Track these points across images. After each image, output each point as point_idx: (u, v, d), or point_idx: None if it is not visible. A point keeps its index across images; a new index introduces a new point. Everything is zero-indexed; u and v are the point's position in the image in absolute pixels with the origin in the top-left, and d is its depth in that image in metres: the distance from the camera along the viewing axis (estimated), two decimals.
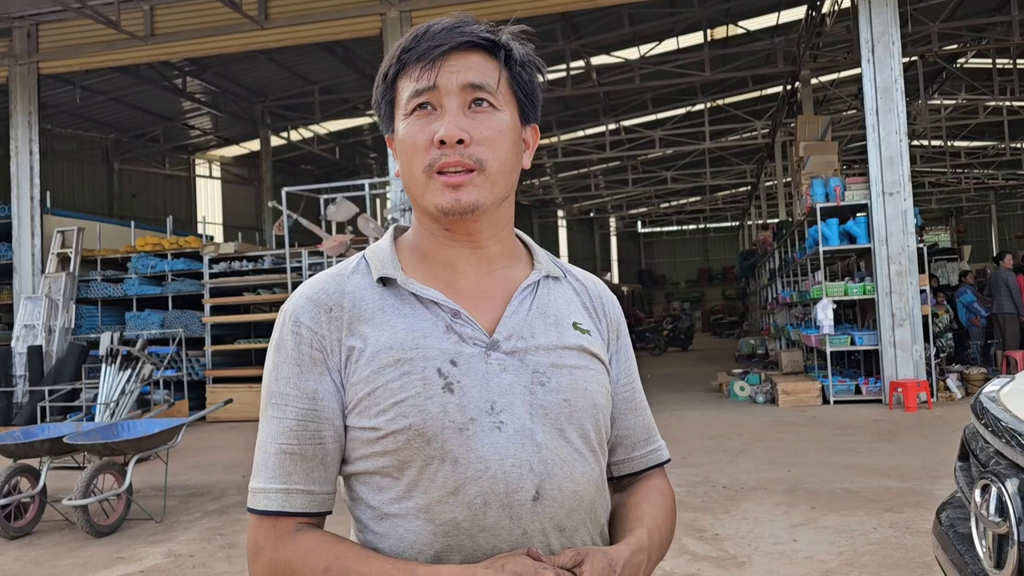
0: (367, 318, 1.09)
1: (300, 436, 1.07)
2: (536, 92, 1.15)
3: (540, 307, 1.15)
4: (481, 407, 1.06)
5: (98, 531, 5.48)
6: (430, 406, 1.04)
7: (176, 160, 22.57)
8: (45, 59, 13.12)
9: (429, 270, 1.14)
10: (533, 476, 1.06)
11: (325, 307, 1.09)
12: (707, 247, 43.41)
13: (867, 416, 9.15)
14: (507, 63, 1.11)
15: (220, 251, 12.82)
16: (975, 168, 28.98)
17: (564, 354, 1.13)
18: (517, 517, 1.05)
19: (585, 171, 28.79)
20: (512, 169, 1.12)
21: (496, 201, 1.10)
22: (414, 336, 1.07)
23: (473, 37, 1.08)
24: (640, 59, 17.73)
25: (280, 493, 1.07)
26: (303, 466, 1.07)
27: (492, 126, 1.08)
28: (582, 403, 1.12)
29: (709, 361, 18.05)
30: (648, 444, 1.28)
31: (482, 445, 1.05)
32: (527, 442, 1.07)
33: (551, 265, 1.22)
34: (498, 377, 1.08)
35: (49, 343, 12.02)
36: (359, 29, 12.07)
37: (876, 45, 10.26)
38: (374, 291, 1.11)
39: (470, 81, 1.07)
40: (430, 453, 1.04)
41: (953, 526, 1.81)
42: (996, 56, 19.30)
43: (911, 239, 10.12)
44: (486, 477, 1.04)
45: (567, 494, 1.09)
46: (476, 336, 1.09)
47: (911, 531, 4.68)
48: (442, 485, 1.04)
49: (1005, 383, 2.06)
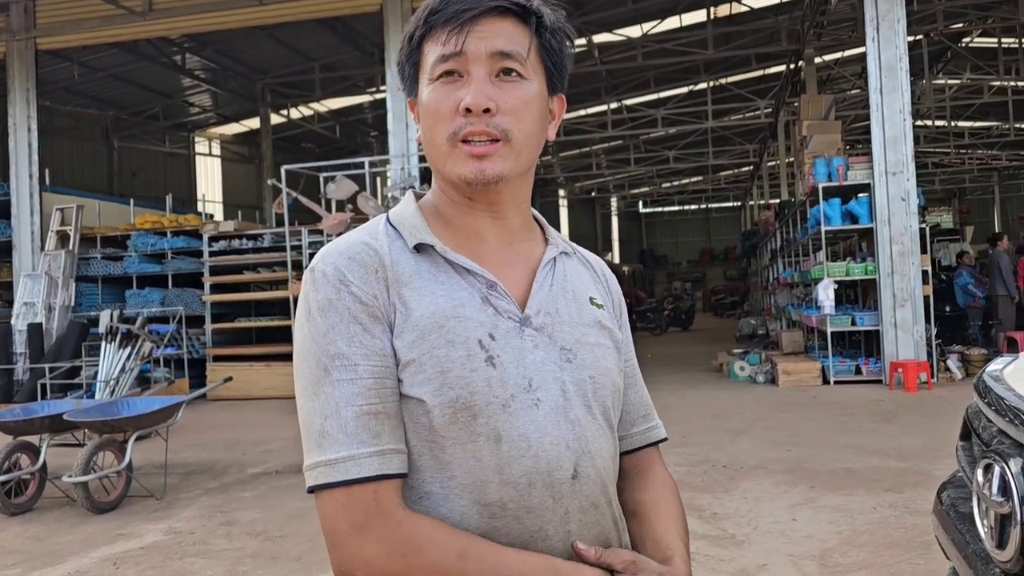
0: (405, 281, 1.04)
1: (381, 394, 1.00)
2: (564, 61, 1.12)
3: (560, 283, 1.14)
4: (520, 383, 1.03)
5: (98, 508, 5.49)
6: (476, 379, 1.01)
7: (176, 138, 22.47)
8: (43, 35, 13.02)
9: (454, 238, 1.10)
10: (570, 454, 1.05)
11: (371, 267, 1.04)
12: (709, 227, 43.30)
13: (867, 396, 9.16)
14: (537, 30, 1.07)
15: (220, 229, 12.79)
16: (979, 148, 28.82)
17: (585, 331, 1.12)
18: (559, 496, 1.04)
19: (587, 150, 28.67)
20: (537, 141, 1.09)
21: (520, 172, 1.08)
22: (454, 304, 1.04)
23: (505, 2, 1.04)
24: (643, 37, 17.59)
25: (374, 456, 0.98)
26: (390, 425, 1.00)
27: (519, 96, 1.04)
28: (603, 380, 1.12)
29: (710, 341, 18.05)
30: (647, 421, 1.27)
31: (523, 423, 1.03)
32: (562, 420, 1.05)
33: (563, 241, 1.21)
34: (531, 354, 1.06)
35: (49, 321, 12.02)
36: (359, 5, 11.97)
37: (881, 23, 10.16)
38: (408, 256, 1.07)
39: (499, 49, 1.03)
40: (476, 429, 1.01)
41: (954, 505, 1.80)
42: (1002, 35, 19.13)
43: (913, 219, 10.07)
44: (528, 456, 1.02)
45: (598, 471, 1.09)
46: (511, 310, 1.07)
47: (910, 511, 4.68)
48: (487, 464, 1.01)
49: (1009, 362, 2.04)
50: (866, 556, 4.02)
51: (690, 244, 43.20)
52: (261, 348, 12.06)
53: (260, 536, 4.88)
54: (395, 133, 11.46)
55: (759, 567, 3.95)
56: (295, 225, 11.94)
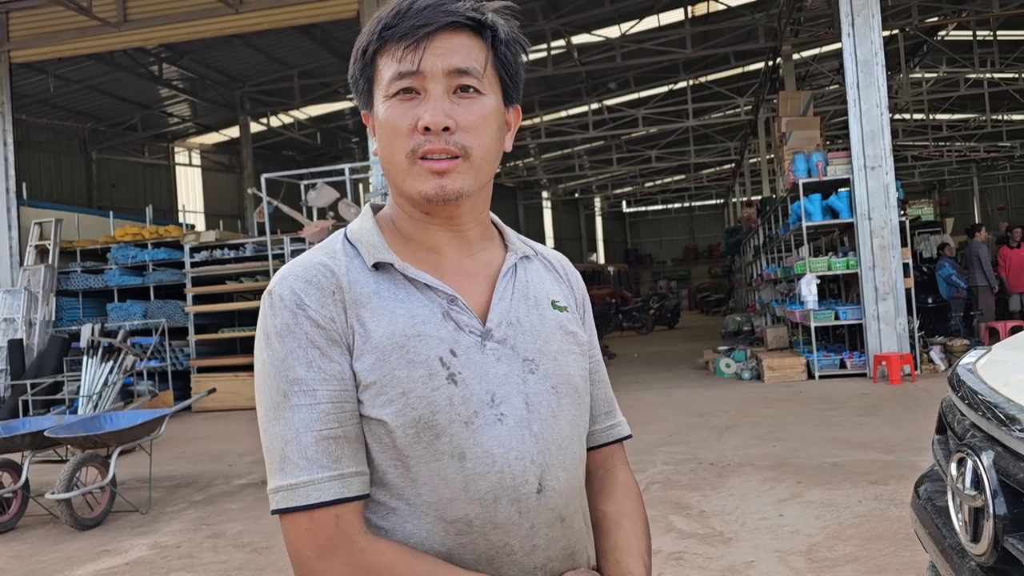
0: (364, 302, 1.04)
1: (340, 418, 1.00)
2: (519, 72, 1.11)
3: (521, 290, 1.13)
4: (482, 399, 1.03)
5: (82, 524, 5.44)
6: (437, 398, 1.01)
7: (155, 148, 22.31)
8: (16, 48, 12.91)
9: (412, 253, 1.09)
10: (535, 468, 1.05)
11: (328, 290, 1.03)
12: (692, 225, 43.47)
13: (852, 390, 9.20)
14: (492, 44, 1.06)
15: (201, 240, 12.71)
16: (957, 141, 29.07)
17: (548, 338, 1.12)
18: (526, 511, 1.04)
19: (569, 151, 28.70)
20: (495, 154, 1.08)
21: (479, 187, 1.07)
22: (414, 323, 1.03)
23: (460, 17, 1.03)
24: (621, 37, 17.62)
25: (334, 480, 0.98)
26: (350, 448, 1.01)
27: (477, 112, 1.04)
28: (567, 389, 1.11)
29: (696, 339, 18.11)
30: (609, 418, 1.26)
31: (487, 439, 1.03)
32: (526, 433, 1.05)
33: (522, 245, 1.19)
34: (494, 367, 1.05)
35: (30, 336, 11.91)
36: (336, 11, 11.94)
37: (856, 19, 10.23)
38: (367, 275, 1.06)
39: (456, 66, 1.02)
40: (439, 448, 1.01)
41: (931, 499, 1.81)
42: (976, 28, 19.30)
43: (893, 213, 10.14)
44: (494, 472, 1.02)
45: (563, 483, 1.08)
46: (472, 324, 1.06)
47: (896, 503, 4.70)
48: (452, 481, 1.01)
49: (982, 355, 2.05)
50: (853, 550, 4.03)
51: (674, 243, 43.36)
52: (246, 358, 11.99)
53: (246, 548, 4.85)
54: None
55: (747, 564, 3.96)
56: (277, 233, 11.89)
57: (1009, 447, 1.43)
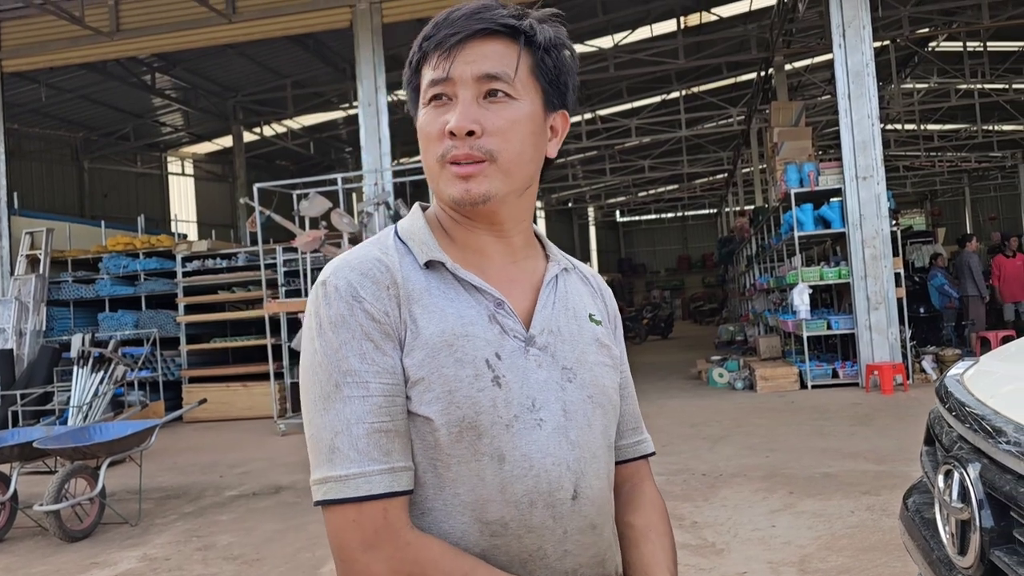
0: (416, 298, 1.06)
1: (392, 412, 1.02)
2: (564, 78, 1.12)
3: (562, 301, 1.16)
4: (523, 403, 1.05)
5: (71, 536, 5.40)
6: (482, 399, 1.03)
7: (148, 158, 22.28)
8: (8, 57, 12.89)
9: (460, 253, 1.11)
10: (571, 474, 1.07)
11: (383, 284, 1.05)
12: (686, 235, 43.52)
13: (844, 400, 9.21)
14: (530, 48, 1.08)
15: (193, 249, 12.68)
16: (948, 151, 29.22)
17: (586, 349, 1.14)
18: (559, 516, 1.06)
19: (562, 161, 28.73)
20: (530, 159, 1.10)
21: (513, 191, 1.09)
22: (463, 323, 1.05)
23: (491, 23, 1.05)
24: (614, 48, 17.70)
25: (384, 474, 0.99)
26: (400, 443, 1.02)
27: (506, 116, 1.05)
28: (602, 399, 1.14)
29: (689, 348, 18.12)
30: (636, 434, 1.29)
31: (526, 443, 1.04)
32: (563, 440, 1.07)
33: (563, 257, 1.23)
34: (535, 373, 1.07)
35: (20, 346, 11.84)
36: (329, 21, 11.95)
37: (847, 30, 10.29)
38: (419, 272, 1.08)
39: (485, 72, 1.05)
40: (480, 448, 1.03)
41: (919, 511, 1.80)
42: (967, 39, 19.44)
43: (885, 223, 10.18)
44: (531, 476, 1.04)
45: (596, 491, 1.11)
46: (516, 329, 1.09)
47: (888, 513, 4.70)
48: (490, 483, 1.03)
49: (969, 366, 2.05)
50: (845, 561, 4.03)
51: (668, 252, 43.39)
52: (238, 368, 11.94)
53: (237, 560, 4.81)
54: (368, 149, 11.44)
55: (739, 575, 3.95)
56: (270, 243, 11.87)
57: (995, 459, 1.43)
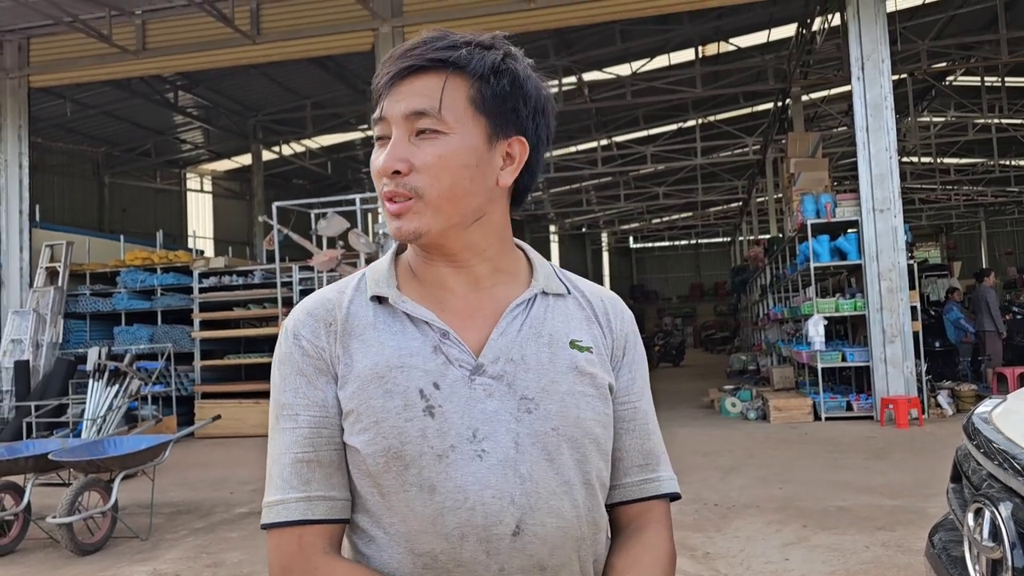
0: (357, 333, 1.08)
1: (315, 443, 1.06)
2: (512, 103, 1.07)
3: (534, 326, 1.10)
4: (462, 434, 1.02)
5: (83, 549, 5.40)
6: (409, 429, 1.02)
7: (167, 174, 22.50)
8: (36, 72, 13.10)
9: (421, 288, 1.12)
10: (514, 509, 1.02)
11: (324, 321, 1.09)
12: (699, 262, 43.46)
13: (859, 433, 9.14)
14: (466, 79, 1.05)
15: (210, 266, 12.77)
16: (965, 185, 29.13)
17: (557, 378, 1.08)
18: (495, 552, 1.01)
19: (577, 186, 28.83)
20: (467, 192, 1.05)
21: (452, 226, 1.06)
22: (400, 355, 1.05)
23: (418, 59, 1.05)
24: (632, 75, 17.80)
25: (300, 502, 1.04)
26: (321, 472, 1.06)
27: (433, 152, 1.03)
28: (572, 432, 1.06)
29: (700, 377, 18.03)
30: (644, 471, 1.17)
31: (461, 474, 1.02)
32: (509, 473, 1.02)
33: (552, 281, 1.16)
34: (483, 403, 1.04)
35: (36, 358, 11.92)
36: (352, 44, 12.10)
37: (866, 63, 10.32)
38: (368, 308, 1.10)
39: (412, 109, 1.04)
40: (407, 479, 1.02)
41: (946, 549, 1.79)
42: (985, 74, 19.44)
43: (901, 255, 10.14)
44: (464, 508, 1.01)
45: (551, 530, 1.03)
46: (463, 358, 1.06)
47: (903, 550, 4.65)
48: (420, 514, 1.02)
49: (997, 404, 2.04)
50: None
51: (680, 279, 43.30)
52: (250, 385, 11.97)
53: None
54: None
55: None
56: (286, 261, 11.94)
57: None
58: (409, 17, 11.62)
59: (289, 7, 12.17)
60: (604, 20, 12.01)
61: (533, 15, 11.35)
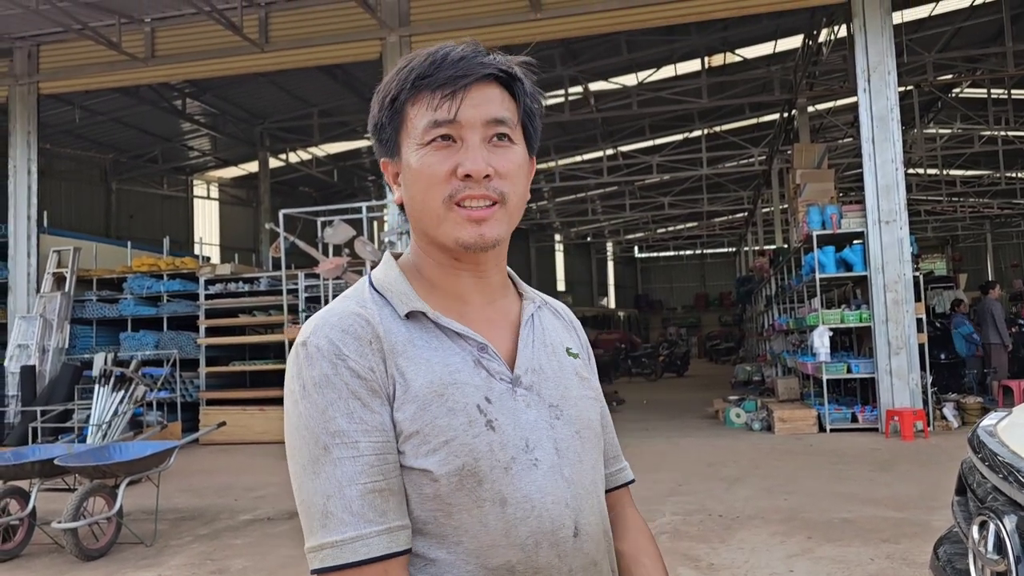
0: (400, 351, 1.04)
1: (384, 471, 0.99)
2: (537, 124, 1.14)
3: (540, 338, 1.15)
4: (518, 445, 1.04)
5: (87, 555, 5.42)
6: (479, 444, 1.02)
7: (174, 181, 22.60)
8: (45, 79, 13.18)
9: (440, 300, 1.10)
10: (570, 512, 1.06)
11: (366, 339, 1.03)
12: (704, 273, 43.48)
13: (864, 445, 9.11)
14: (520, 97, 1.10)
15: (216, 272, 12.81)
16: (971, 197, 29.10)
17: (568, 384, 1.14)
18: (564, 555, 1.05)
19: (582, 196, 28.88)
20: (525, 202, 1.12)
21: (510, 233, 1.11)
22: (449, 371, 1.04)
23: (494, 69, 1.06)
24: (638, 85, 17.85)
25: (382, 535, 0.97)
26: (395, 501, 1.00)
27: (512, 160, 1.07)
28: (588, 433, 1.13)
29: (705, 387, 18.00)
30: (617, 462, 1.29)
31: (525, 484, 1.04)
32: (559, 478, 1.06)
33: (534, 293, 1.22)
34: (525, 414, 1.07)
35: (43, 363, 11.95)
36: (359, 53, 12.15)
37: (872, 74, 10.34)
38: (399, 324, 1.06)
39: (494, 116, 1.06)
40: (482, 495, 1.01)
41: (951, 562, 1.79)
42: (991, 86, 19.45)
43: (907, 267, 10.13)
44: (533, 516, 1.03)
45: (594, 527, 1.10)
46: (502, 371, 1.08)
47: (908, 562, 4.63)
48: (493, 528, 1.02)
49: (1003, 417, 2.04)
50: None
51: (685, 289, 43.32)
52: (255, 392, 11.99)
53: None
54: None
55: None
56: (292, 269, 11.97)
57: None
58: (416, 27, 11.68)
59: (297, 16, 12.24)
60: (610, 31, 12.04)
61: (540, 25, 11.40)
